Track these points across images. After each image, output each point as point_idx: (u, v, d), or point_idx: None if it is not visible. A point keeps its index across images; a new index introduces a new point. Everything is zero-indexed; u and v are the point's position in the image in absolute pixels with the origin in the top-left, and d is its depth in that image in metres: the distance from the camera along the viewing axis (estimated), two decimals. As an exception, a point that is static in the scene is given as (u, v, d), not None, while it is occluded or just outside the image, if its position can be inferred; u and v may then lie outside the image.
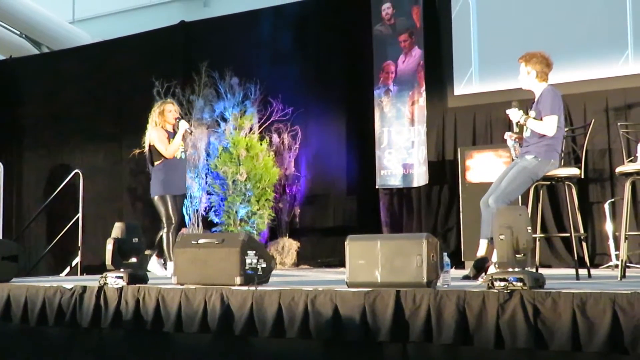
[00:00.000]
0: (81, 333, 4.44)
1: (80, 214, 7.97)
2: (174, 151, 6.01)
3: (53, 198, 8.57)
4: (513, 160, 4.93)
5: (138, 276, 4.39)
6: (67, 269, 8.47)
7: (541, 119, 4.64)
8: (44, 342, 4.62)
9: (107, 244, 4.44)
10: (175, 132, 6.04)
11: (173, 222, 5.90)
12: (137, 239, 4.55)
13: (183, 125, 6.04)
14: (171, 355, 4.19)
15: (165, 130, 6.06)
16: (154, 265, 6.06)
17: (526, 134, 4.76)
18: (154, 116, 6.13)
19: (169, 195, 5.95)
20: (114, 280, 4.33)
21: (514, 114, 4.74)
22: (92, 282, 4.55)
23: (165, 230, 5.90)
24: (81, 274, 7.75)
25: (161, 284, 4.32)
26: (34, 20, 10.49)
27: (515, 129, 4.81)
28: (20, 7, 10.18)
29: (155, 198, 5.99)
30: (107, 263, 4.42)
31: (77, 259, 7.96)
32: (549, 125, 4.60)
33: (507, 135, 4.90)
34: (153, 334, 4.17)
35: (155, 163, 6.04)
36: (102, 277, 4.40)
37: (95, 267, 7.34)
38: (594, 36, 7.09)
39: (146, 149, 6.15)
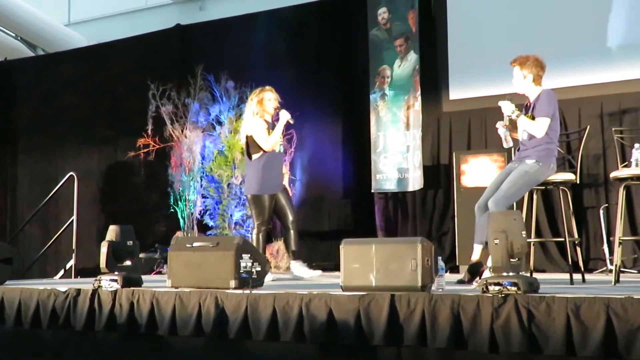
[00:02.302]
0: (75, 336, 4.43)
1: (74, 217, 7.94)
2: (273, 144, 5.58)
3: (47, 201, 8.55)
4: (514, 152, 4.89)
5: (132, 279, 4.38)
6: (62, 272, 8.44)
7: (533, 119, 4.63)
8: (38, 345, 4.61)
9: (101, 247, 4.43)
10: (274, 123, 5.67)
11: (264, 223, 5.59)
12: (131, 242, 4.54)
13: (284, 115, 5.63)
14: (165, 359, 4.18)
15: (264, 121, 5.64)
16: (298, 269, 5.72)
17: (523, 135, 4.75)
18: (252, 105, 5.69)
19: (267, 195, 5.59)
20: (108, 283, 4.32)
21: (507, 107, 4.69)
22: (86, 285, 4.54)
23: (255, 230, 5.59)
24: (75, 276, 7.72)
25: (155, 287, 4.31)
26: (29, 22, 10.47)
27: (506, 122, 4.76)
28: (15, 9, 10.16)
29: (249, 196, 5.66)
30: (101, 266, 4.41)
31: (72, 262, 7.92)
32: (541, 126, 4.59)
33: (499, 124, 4.81)
34: (147, 337, 4.16)
35: (254, 157, 5.63)
36: (96, 280, 4.39)
37: (89, 270, 7.32)
38: (590, 41, 7.12)
39: (242, 141, 5.80)
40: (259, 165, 5.62)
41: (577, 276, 4.75)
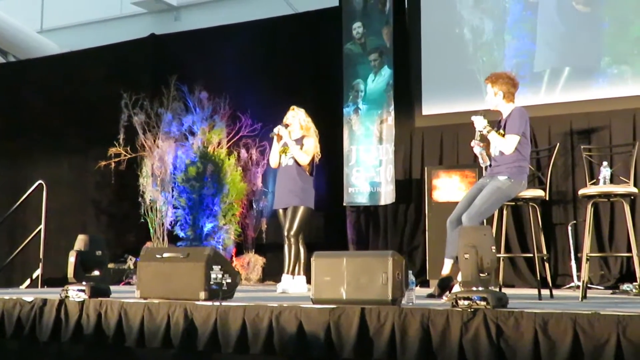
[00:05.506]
0: (40, 347, 4.35)
1: (42, 226, 7.83)
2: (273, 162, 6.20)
3: (15, 209, 8.42)
4: (485, 168, 4.94)
5: (100, 289, 4.33)
6: (28, 282, 8.31)
7: (503, 136, 4.69)
8: (2, 355, 4.53)
9: (69, 257, 4.37)
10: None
11: (285, 236, 5.85)
12: (100, 252, 4.49)
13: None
14: (132, 371, 4.13)
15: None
16: (301, 284, 5.82)
17: (495, 151, 4.80)
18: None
19: (278, 209, 6.02)
20: (76, 293, 4.27)
21: (479, 122, 4.75)
22: (53, 295, 4.48)
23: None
24: (42, 286, 7.60)
25: (124, 297, 4.26)
26: (1, 28, 10.35)
27: (477, 137, 4.81)
28: (-13, 15, 10.06)
29: None
30: (69, 276, 4.35)
31: (39, 271, 7.81)
32: (510, 143, 4.65)
33: (474, 142, 4.84)
34: (114, 348, 4.11)
35: None
36: (63, 290, 4.33)
37: (57, 279, 7.20)
38: (561, 60, 7.23)
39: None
40: None
41: (545, 291, 4.80)
